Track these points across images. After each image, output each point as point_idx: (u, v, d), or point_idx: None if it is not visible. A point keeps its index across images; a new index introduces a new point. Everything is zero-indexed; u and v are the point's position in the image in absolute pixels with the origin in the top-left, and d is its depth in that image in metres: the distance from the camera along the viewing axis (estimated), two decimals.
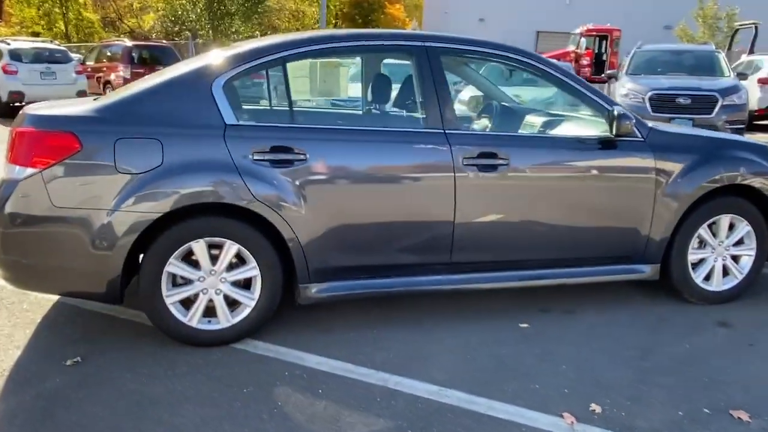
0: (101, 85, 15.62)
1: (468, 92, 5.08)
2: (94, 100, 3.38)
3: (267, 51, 3.22)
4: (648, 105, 9.63)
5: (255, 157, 3.06)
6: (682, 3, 31.55)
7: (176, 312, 3.12)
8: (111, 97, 3.17)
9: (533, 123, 3.83)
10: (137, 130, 2.97)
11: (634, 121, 3.46)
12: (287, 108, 3.23)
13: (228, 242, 3.09)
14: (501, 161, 3.33)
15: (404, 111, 3.44)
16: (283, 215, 3.09)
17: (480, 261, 3.48)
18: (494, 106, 4.13)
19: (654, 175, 3.57)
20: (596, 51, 25.89)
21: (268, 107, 3.36)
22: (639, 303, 3.86)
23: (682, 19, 29.06)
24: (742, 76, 11.24)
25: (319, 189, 3.14)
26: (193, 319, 3.14)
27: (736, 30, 20.73)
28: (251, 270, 3.16)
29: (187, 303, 3.14)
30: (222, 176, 3.02)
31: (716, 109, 9.43)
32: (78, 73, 13.94)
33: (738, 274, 3.86)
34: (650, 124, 3.73)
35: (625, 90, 10.23)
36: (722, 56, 11.18)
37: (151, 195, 2.94)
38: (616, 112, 3.41)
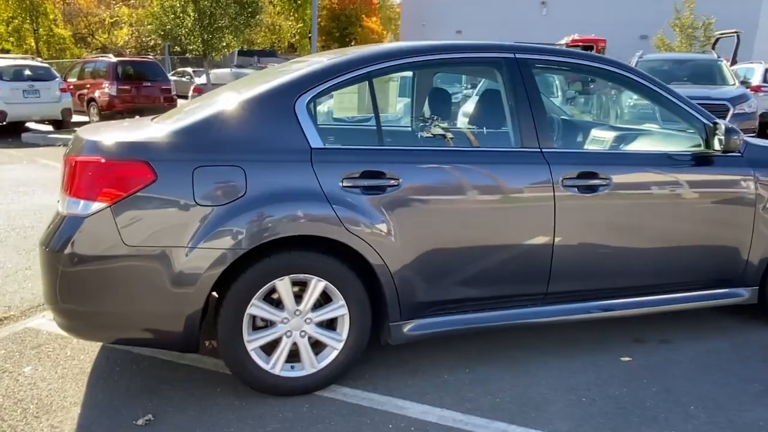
0: (84, 103, 15.06)
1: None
2: (153, 120, 3.04)
3: (351, 65, 2.90)
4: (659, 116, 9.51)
5: (344, 184, 2.74)
6: (658, 13, 32.05)
7: (258, 359, 2.77)
8: (179, 120, 2.82)
9: (623, 140, 3.57)
10: (218, 157, 2.63)
11: (742, 136, 3.23)
12: (374, 128, 2.92)
13: (315, 279, 2.76)
14: (602, 181, 3.07)
15: (495, 129, 3.15)
16: (375, 247, 2.77)
17: (577, 290, 3.20)
18: (576, 123, 3.88)
19: (755, 191, 3.35)
20: None
21: (354, 127, 3.05)
22: (734, 330, 3.62)
23: (659, 29, 29.43)
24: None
25: (413, 217, 2.83)
26: (276, 365, 2.80)
27: (717, 39, 21.00)
28: (339, 308, 2.83)
29: (267, 348, 2.80)
30: (311, 206, 2.69)
31: (728, 118, 9.35)
32: (62, 90, 13.37)
33: None
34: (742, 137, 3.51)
35: (631, 101, 10.11)
36: (725, 64, 11.18)
37: (235, 229, 2.59)
38: (723, 127, 3.18)
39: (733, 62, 16.99)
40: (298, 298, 2.78)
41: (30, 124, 13.73)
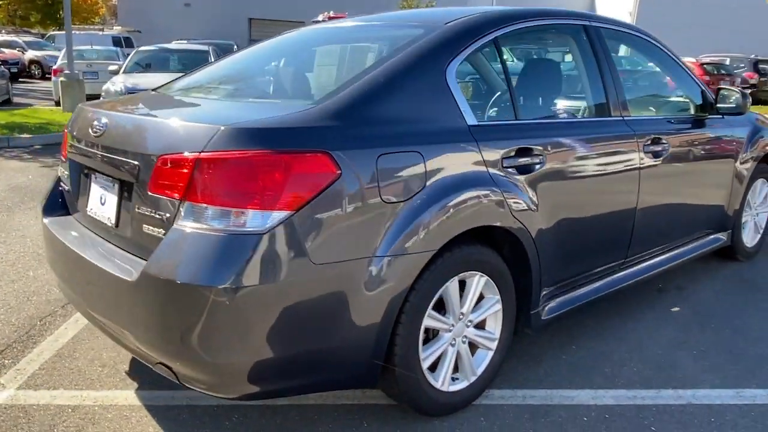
0: None
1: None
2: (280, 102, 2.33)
3: (485, 26, 2.54)
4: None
5: (504, 164, 2.43)
6: None
7: (430, 377, 2.35)
8: (318, 96, 2.19)
9: (651, 104, 3.73)
10: (396, 141, 2.11)
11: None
12: (510, 99, 2.58)
13: (478, 275, 2.42)
14: (665, 146, 3.22)
15: (590, 99, 3.04)
16: (530, 231, 2.53)
17: (643, 252, 3.34)
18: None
19: (736, 148, 3.85)
20: None
21: (492, 99, 2.66)
22: (717, 271, 4.15)
23: (394, 10, 31.54)
24: None
25: (554, 194, 2.63)
26: (445, 381, 2.40)
27: None
28: (495, 304, 2.53)
29: (432, 364, 2.38)
30: (486, 192, 2.32)
31: None
32: None
33: (760, 229, 4.43)
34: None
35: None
36: None
37: (422, 228, 2.11)
38: (741, 92, 3.58)
39: None
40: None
41: None
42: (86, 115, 2.52)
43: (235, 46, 20.69)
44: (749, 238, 4.30)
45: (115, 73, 11.03)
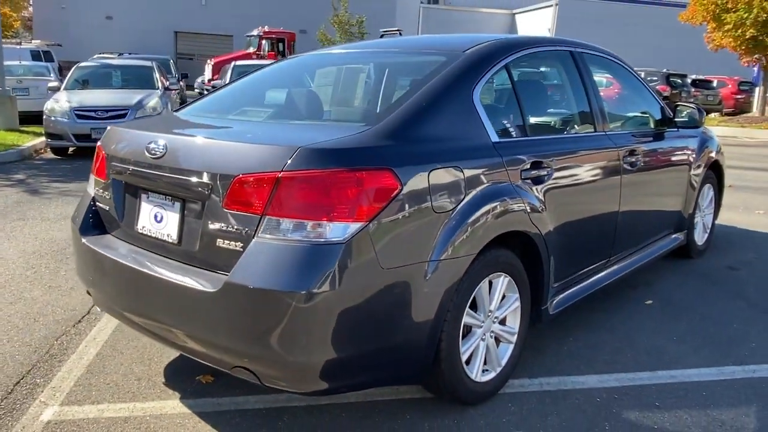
0: None
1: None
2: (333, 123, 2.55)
3: (497, 53, 2.85)
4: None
5: (523, 177, 2.74)
6: (316, 9, 34.48)
7: (468, 370, 2.60)
8: (369, 118, 2.43)
9: (621, 119, 4.14)
10: (442, 157, 2.36)
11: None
12: (521, 118, 2.88)
13: (503, 275, 2.70)
14: (638, 157, 3.63)
15: (580, 116, 3.41)
16: (543, 235, 2.84)
17: (623, 251, 3.73)
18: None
19: (690, 158, 4.34)
20: (277, 53, 26.55)
21: (507, 118, 2.94)
22: (675, 268, 4.62)
23: (321, 24, 31.75)
24: None
25: (560, 202, 2.96)
26: (478, 373, 2.67)
27: (382, 35, 23.86)
28: (515, 301, 2.82)
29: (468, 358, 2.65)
30: (509, 201, 2.61)
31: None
32: None
33: (707, 229, 4.97)
34: None
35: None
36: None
37: (466, 234, 2.38)
38: (698, 107, 4.05)
39: None
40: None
41: None
42: (132, 137, 2.63)
43: (171, 61, 20.39)
44: (699, 237, 4.81)
45: (56, 89, 10.74)
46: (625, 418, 2.62)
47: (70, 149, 10.03)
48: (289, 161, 2.07)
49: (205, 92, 24.91)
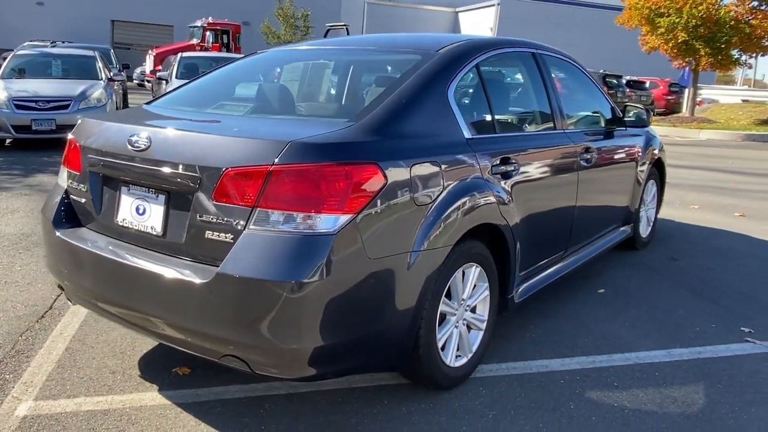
0: None
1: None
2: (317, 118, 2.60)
3: (468, 53, 2.97)
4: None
5: (493, 172, 2.88)
6: (260, 1, 34.04)
7: (443, 356, 2.73)
8: (352, 114, 2.50)
9: (574, 118, 4.34)
10: (422, 152, 2.47)
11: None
12: (490, 115, 3.01)
13: (474, 266, 2.84)
14: (592, 154, 3.84)
15: (542, 115, 3.57)
16: (511, 227, 3.00)
17: (578, 244, 3.94)
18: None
19: (638, 155, 4.61)
20: (222, 45, 26.01)
21: (478, 116, 3.05)
22: (620, 259, 4.89)
23: (265, 17, 31.38)
24: None
25: (525, 195, 3.12)
26: (452, 358, 2.80)
27: (328, 30, 23.82)
28: (485, 290, 2.96)
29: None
30: (482, 195, 2.75)
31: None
32: None
33: (650, 223, 5.28)
34: None
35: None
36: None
37: (444, 226, 2.50)
38: (645, 108, 4.30)
39: None
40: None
41: None
42: (110, 129, 2.62)
43: (111, 50, 19.72)
44: (644, 230, 5.11)
45: None
46: (588, 397, 2.81)
47: (8, 141, 9.62)
48: (280, 155, 2.13)
49: (146, 83, 24.32)
